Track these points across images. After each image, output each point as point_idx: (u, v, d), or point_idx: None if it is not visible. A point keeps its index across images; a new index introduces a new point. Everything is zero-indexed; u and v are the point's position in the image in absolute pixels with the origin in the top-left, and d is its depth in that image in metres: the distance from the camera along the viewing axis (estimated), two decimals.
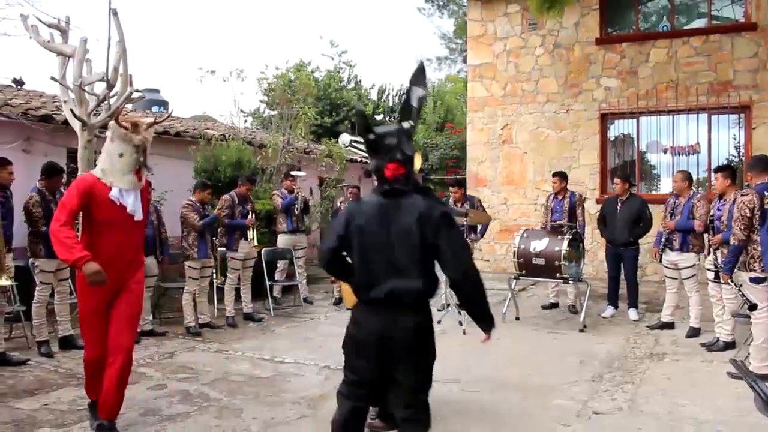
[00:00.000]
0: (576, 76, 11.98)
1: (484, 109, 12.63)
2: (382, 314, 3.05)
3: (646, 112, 11.51)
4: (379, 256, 3.06)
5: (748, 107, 10.85)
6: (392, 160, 3.07)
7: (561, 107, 12.01)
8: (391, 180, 3.08)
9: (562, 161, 11.71)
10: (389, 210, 3.08)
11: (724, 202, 6.49)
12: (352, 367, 3.21)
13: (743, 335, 6.45)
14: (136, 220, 4.49)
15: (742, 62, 10.89)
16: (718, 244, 6.41)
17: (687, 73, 11.23)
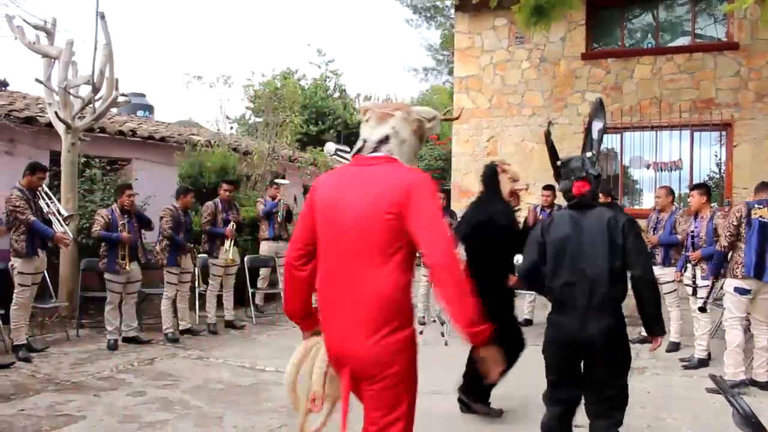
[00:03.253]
0: (561, 90, 12.06)
1: (469, 120, 12.67)
2: (579, 317, 3.48)
3: (630, 128, 11.61)
4: (572, 262, 3.52)
5: (729, 125, 10.98)
6: (579, 179, 3.64)
7: (546, 121, 12.06)
8: (578, 195, 3.64)
9: (546, 174, 11.74)
10: (580, 220, 3.60)
11: (701, 218, 6.63)
12: (552, 369, 3.71)
13: (720, 351, 6.51)
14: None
15: (724, 81, 11.03)
16: (697, 260, 6.54)
17: (670, 89, 11.35)
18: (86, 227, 8.86)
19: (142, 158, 11.82)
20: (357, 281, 2.49)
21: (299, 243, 2.70)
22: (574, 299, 3.50)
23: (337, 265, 2.55)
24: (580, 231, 3.56)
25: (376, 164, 2.60)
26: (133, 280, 7.64)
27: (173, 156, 11.42)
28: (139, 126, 12.56)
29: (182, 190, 8.38)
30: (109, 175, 10.45)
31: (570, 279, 3.53)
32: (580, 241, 3.54)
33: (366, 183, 2.56)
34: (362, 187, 2.55)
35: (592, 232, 3.54)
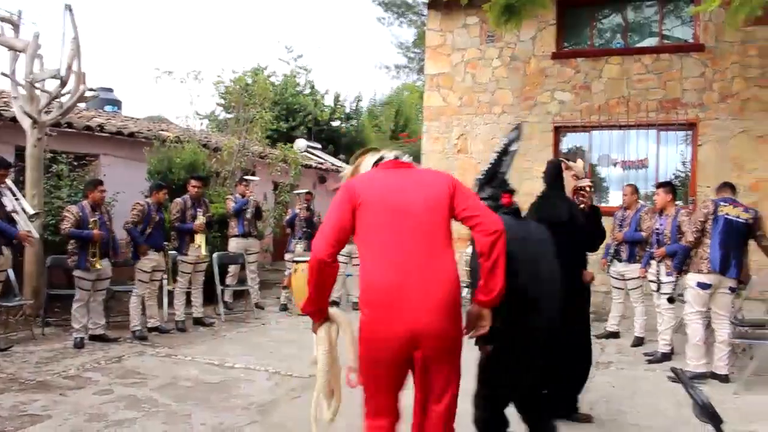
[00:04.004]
0: (531, 89, 12.18)
1: (440, 118, 12.74)
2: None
3: (599, 126, 11.76)
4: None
5: (694, 125, 11.17)
6: (507, 191, 3.92)
7: (516, 119, 12.18)
8: (507, 205, 3.85)
9: (515, 173, 11.82)
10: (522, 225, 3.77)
11: (666, 216, 6.77)
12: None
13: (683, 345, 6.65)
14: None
15: (690, 81, 11.22)
16: (662, 257, 6.68)
17: (638, 89, 11.51)
18: (53, 224, 8.75)
19: (110, 154, 11.69)
20: (432, 265, 2.81)
21: (332, 240, 2.88)
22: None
23: (408, 252, 2.82)
24: (531, 234, 3.72)
25: (415, 167, 3.13)
26: (103, 277, 7.56)
27: (142, 152, 11.32)
28: (107, 121, 12.42)
29: (155, 186, 8.32)
30: (77, 171, 10.32)
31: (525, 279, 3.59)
32: (530, 243, 3.65)
33: (417, 179, 3.01)
34: (418, 183, 2.98)
35: (537, 234, 3.76)
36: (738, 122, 10.90)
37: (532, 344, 3.58)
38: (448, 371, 2.89)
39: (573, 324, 4.63)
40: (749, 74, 10.91)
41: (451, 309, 2.82)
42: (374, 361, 2.86)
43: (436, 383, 2.88)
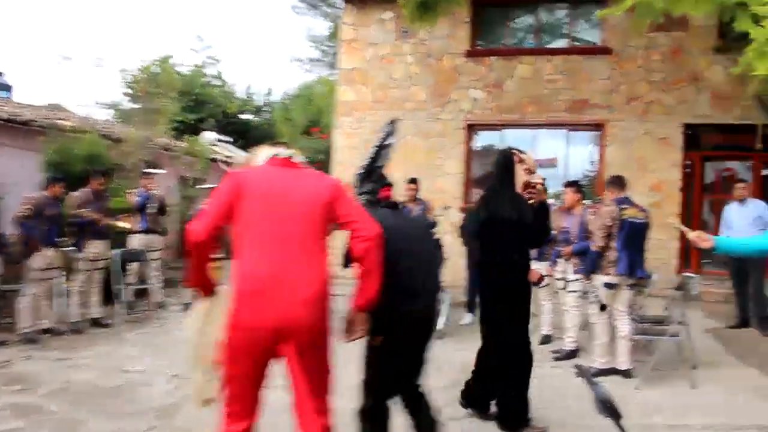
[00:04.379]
0: (445, 86, 12.30)
1: (352, 113, 12.70)
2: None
3: (510, 125, 12.02)
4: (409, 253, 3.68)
5: (602, 125, 11.59)
6: (386, 185, 4.01)
7: (429, 116, 12.30)
8: (386, 199, 3.92)
9: (428, 169, 11.98)
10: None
11: (573, 215, 6.97)
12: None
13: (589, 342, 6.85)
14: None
15: (598, 83, 11.63)
16: (569, 255, 6.85)
17: (549, 89, 11.83)
18: None
19: (2, 143, 11.07)
20: (304, 263, 3.00)
21: (211, 226, 3.02)
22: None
23: (282, 248, 3.00)
24: (407, 226, 3.85)
25: (300, 168, 3.27)
26: None
27: (37, 141, 10.76)
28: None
29: (51, 178, 7.90)
30: None
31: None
32: (408, 235, 3.77)
33: (302, 180, 3.18)
34: (301, 182, 3.16)
35: (414, 228, 3.93)
36: (642, 124, 11.38)
37: (412, 331, 3.66)
38: (318, 366, 3.07)
39: (518, 323, 4.64)
40: (653, 78, 11.40)
41: (319, 304, 3.00)
42: (239, 351, 2.98)
43: (307, 378, 3.02)
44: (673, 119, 11.30)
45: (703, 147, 11.73)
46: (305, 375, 3.01)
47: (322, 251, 3.08)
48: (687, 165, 11.61)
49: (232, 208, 3.05)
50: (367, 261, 3.08)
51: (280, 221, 3.04)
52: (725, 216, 8.64)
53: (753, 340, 8.00)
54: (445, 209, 11.10)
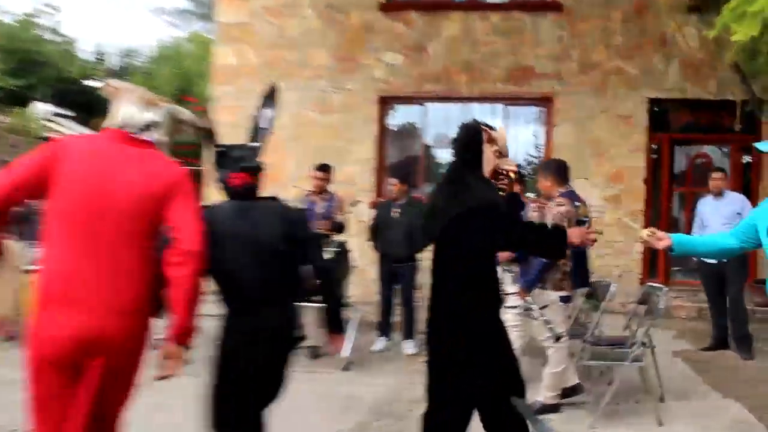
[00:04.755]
0: (352, 47, 12.16)
1: (234, 81, 12.39)
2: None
3: (435, 98, 12.00)
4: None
5: (549, 100, 11.73)
6: (241, 170, 3.94)
7: (332, 85, 12.13)
8: (240, 187, 3.91)
9: (330, 153, 11.80)
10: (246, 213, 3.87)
11: None
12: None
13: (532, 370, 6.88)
14: None
15: (546, 47, 11.72)
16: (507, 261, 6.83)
17: (484, 54, 11.85)
18: None
19: None
20: (125, 264, 3.06)
21: (2, 194, 3.00)
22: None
23: (96, 244, 3.02)
24: (248, 224, 3.86)
25: (144, 148, 3.24)
26: None
27: None
28: None
29: None
30: None
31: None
32: (250, 235, 3.83)
33: (137, 165, 3.16)
34: (133, 168, 3.14)
35: (262, 225, 3.89)
36: (598, 99, 11.54)
37: (254, 349, 3.74)
38: (115, 398, 3.16)
39: (492, 364, 4.39)
40: (612, 42, 11.58)
41: (134, 317, 3.09)
42: (41, 365, 3.01)
43: (91, 411, 3.02)
44: (636, 93, 11.48)
45: (672, 128, 12.00)
46: (91, 405, 3.02)
47: (147, 255, 3.14)
48: (653, 150, 11.85)
49: (40, 185, 3.03)
50: (177, 285, 3.10)
51: (99, 213, 3.04)
52: (698, 212, 8.82)
53: (731, 365, 8.12)
54: (352, 205, 11.01)
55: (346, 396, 6.73)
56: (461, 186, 4.31)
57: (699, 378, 7.61)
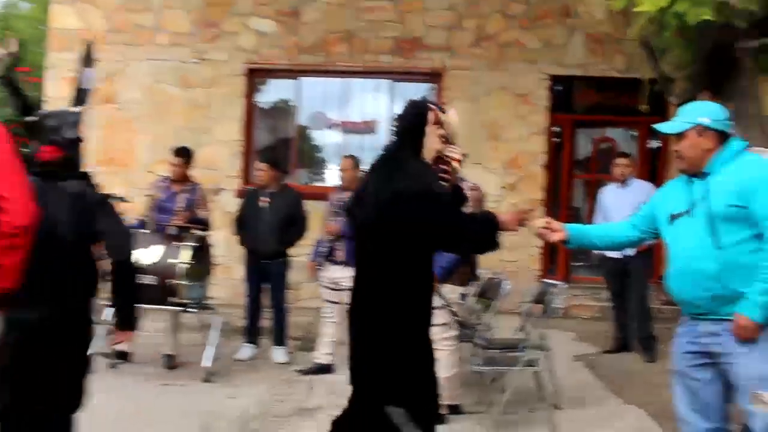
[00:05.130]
0: (216, 11, 12.15)
1: (75, 47, 12.26)
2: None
3: (311, 71, 12.15)
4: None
5: (440, 75, 12.01)
6: (49, 142, 4.03)
7: (192, 55, 12.13)
8: (46, 162, 4.00)
9: (191, 133, 11.74)
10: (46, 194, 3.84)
11: None
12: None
13: None
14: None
15: (436, 15, 12.00)
16: None
17: (367, 22, 12.00)
18: None
19: None
20: None
21: None
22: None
23: None
24: (46, 207, 3.76)
25: None
26: None
27: None
28: None
29: None
30: None
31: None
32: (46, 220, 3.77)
33: None
34: None
35: (58, 209, 3.96)
36: (494, 74, 11.88)
37: (18, 345, 3.84)
38: None
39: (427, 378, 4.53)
40: (510, 11, 11.93)
41: None
42: None
43: None
44: (536, 69, 11.96)
45: (576, 108, 12.57)
46: None
47: None
48: (554, 133, 12.36)
49: None
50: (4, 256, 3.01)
51: None
52: (601, 201, 9.26)
53: (634, 368, 8.57)
54: (215, 193, 11.07)
55: (206, 411, 6.68)
56: (396, 168, 4.26)
57: (599, 383, 8.04)
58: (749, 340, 3.91)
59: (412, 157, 4.25)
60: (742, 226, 3.97)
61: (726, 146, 4.11)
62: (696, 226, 4.06)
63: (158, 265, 7.63)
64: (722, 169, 4.07)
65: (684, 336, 4.27)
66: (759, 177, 4.00)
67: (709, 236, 3.99)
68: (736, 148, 4.13)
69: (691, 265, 4.06)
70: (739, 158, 4.11)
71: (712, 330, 4.05)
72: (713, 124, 4.10)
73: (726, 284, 3.95)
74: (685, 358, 4.25)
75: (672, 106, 10.54)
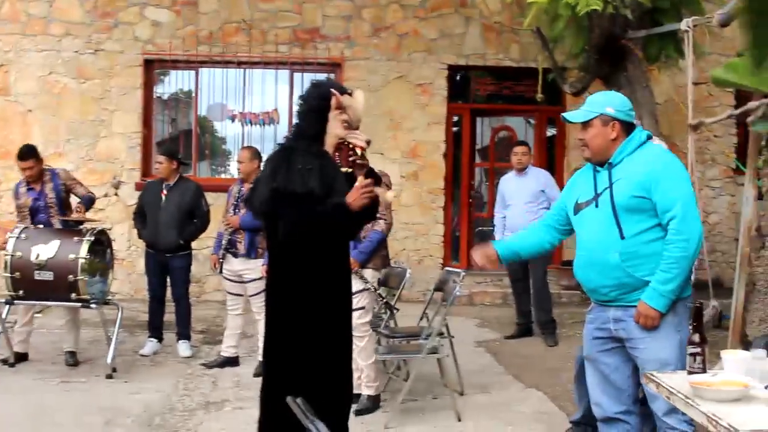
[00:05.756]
0: (111, 1, 11.92)
1: None
2: None
3: (209, 62, 12.01)
4: None
5: (339, 65, 12.01)
6: None
7: (87, 45, 11.88)
8: None
9: (87, 126, 11.58)
10: None
11: None
12: None
13: None
14: None
15: (334, 6, 11.99)
16: None
17: (265, 12, 11.95)
18: None
19: None
20: None
21: None
22: None
23: None
24: None
25: None
26: None
27: None
28: None
29: None
30: None
31: None
32: None
33: None
34: None
35: None
36: (393, 64, 11.94)
37: None
38: None
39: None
40: (408, 1, 11.99)
41: None
42: None
43: None
44: (434, 59, 12.06)
45: (474, 98, 12.69)
46: None
47: None
48: (454, 122, 12.48)
49: None
50: None
51: None
52: (500, 190, 9.40)
53: (535, 352, 8.78)
54: (114, 186, 10.85)
55: (109, 407, 6.60)
56: (283, 162, 4.24)
57: (501, 368, 8.14)
58: (652, 328, 3.99)
59: (306, 146, 4.23)
60: (645, 216, 4.04)
61: (630, 137, 4.16)
62: (600, 216, 4.11)
63: (56, 261, 7.43)
64: (626, 160, 4.12)
65: (592, 322, 4.34)
66: (661, 168, 4.07)
67: (614, 226, 4.05)
68: (639, 139, 4.18)
69: (597, 255, 4.11)
70: (642, 149, 4.16)
71: (618, 316, 4.12)
72: (618, 114, 4.14)
73: (630, 273, 4.01)
74: (595, 344, 4.32)
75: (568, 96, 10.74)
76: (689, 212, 3.99)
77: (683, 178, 4.14)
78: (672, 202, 3.95)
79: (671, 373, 3.53)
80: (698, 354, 3.36)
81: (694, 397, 3.04)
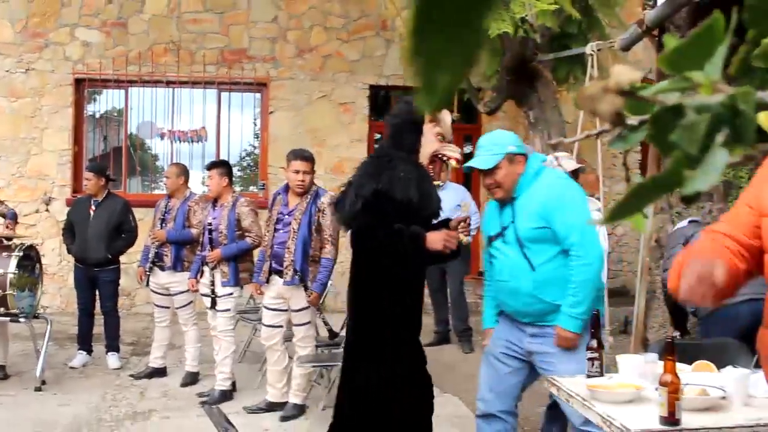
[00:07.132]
0: (42, 21, 11.84)
1: None
2: None
3: (138, 82, 11.99)
4: None
5: (265, 85, 12.08)
6: None
7: (18, 65, 11.77)
8: None
9: (18, 144, 11.47)
10: None
11: (222, 207, 7.19)
12: None
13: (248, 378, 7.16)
14: None
15: (260, 28, 12.07)
16: (216, 261, 7.07)
17: (192, 33, 11.98)
18: None
19: None
20: None
21: None
22: None
23: None
24: None
25: None
26: None
27: None
28: None
29: None
30: None
31: None
32: None
33: None
34: None
35: None
36: (317, 84, 12.07)
37: None
38: None
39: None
40: (330, 24, 12.16)
41: None
42: None
43: None
44: (356, 79, 12.23)
45: None
46: None
47: None
48: (376, 139, 12.58)
49: None
50: None
51: None
52: None
53: (452, 359, 8.85)
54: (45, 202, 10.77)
55: (38, 420, 6.58)
56: (385, 167, 4.15)
57: None
58: (570, 348, 4.12)
59: (404, 158, 4.19)
60: (548, 245, 4.14)
61: (526, 168, 4.21)
62: (509, 249, 4.20)
63: None
64: (525, 192, 4.18)
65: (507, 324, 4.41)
66: (556, 197, 4.16)
67: (522, 258, 4.14)
68: (535, 168, 4.25)
69: (510, 284, 4.21)
70: (539, 178, 4.23)
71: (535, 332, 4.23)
72: (518, 149, 4.23)
73: (542, 299, 4.13)
74: (502, 345, 4.41)
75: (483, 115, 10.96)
76: (587, 237, 4.10)
77: (578, 204, 4.26)
78: (569, 229, 4.06)
79: (570, 377, 3.68)
80: (596, 359, 3.53)
81: (591, 399, 3.20)
